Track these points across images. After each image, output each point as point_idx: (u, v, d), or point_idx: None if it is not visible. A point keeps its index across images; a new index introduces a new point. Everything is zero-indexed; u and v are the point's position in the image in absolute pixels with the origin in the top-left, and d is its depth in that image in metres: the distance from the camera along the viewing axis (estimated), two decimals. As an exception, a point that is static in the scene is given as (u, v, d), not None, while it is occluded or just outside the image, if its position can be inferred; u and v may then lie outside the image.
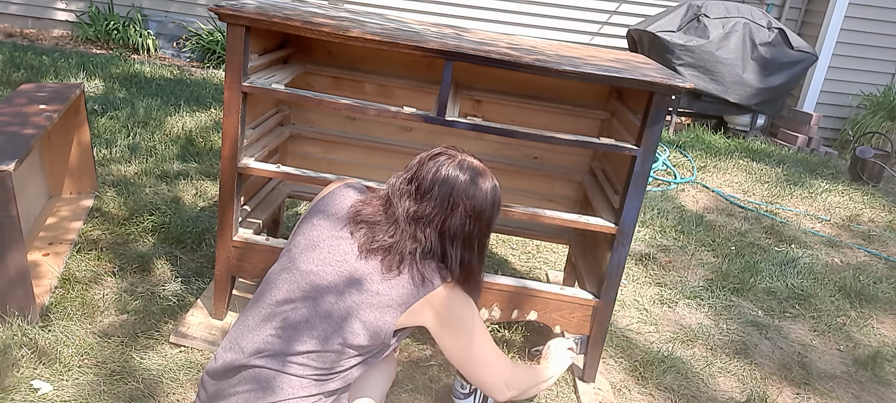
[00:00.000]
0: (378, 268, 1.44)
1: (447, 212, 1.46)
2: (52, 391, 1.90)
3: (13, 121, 2.36)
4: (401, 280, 1.43)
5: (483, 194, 1.50)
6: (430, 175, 1.47)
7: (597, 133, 2.55)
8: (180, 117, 4.51)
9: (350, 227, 1.49)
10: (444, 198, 1.46)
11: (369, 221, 1.48)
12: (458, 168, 1.49)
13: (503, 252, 3.29)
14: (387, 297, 1.43)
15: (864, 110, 6.74)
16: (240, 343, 1.47)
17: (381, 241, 1.45)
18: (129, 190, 3.24)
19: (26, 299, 2.11)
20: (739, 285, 3.25)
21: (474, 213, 1.48)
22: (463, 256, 1.49)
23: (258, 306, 1.50)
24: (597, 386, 2.27)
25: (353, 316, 1.42)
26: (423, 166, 1.49)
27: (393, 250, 1.44)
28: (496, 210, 1.55)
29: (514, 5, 6.93)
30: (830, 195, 4.88)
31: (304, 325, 1.43)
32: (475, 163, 1.52)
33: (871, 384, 2.66)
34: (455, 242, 1.48)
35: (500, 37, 2.42)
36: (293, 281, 1.48)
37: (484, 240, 1.55)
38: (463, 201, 1.47)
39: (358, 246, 1.46)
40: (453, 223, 1.47)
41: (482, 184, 1.50)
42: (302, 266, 1.49)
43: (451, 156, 1.51)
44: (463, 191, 1.47)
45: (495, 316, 2.19)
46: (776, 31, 5.98)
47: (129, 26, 6.60)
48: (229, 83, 1.98)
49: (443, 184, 1.46)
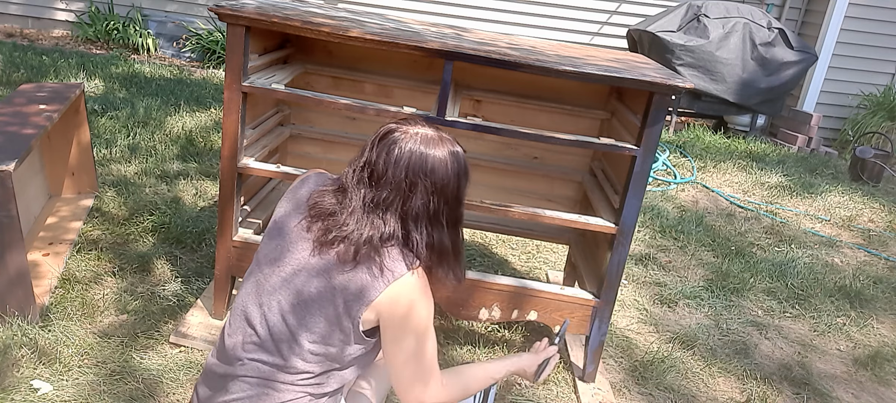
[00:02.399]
0: (333, 263, 1.35)
1: (406, 193, 1.35)
2: (52, 391, 1.90)
3: (13, 121, 2.36)
4: (357, 272, 1.34)
5: (442, 166, 1.37)
6: (382, 157, 1.35)
7: (597, 133, 2.55)
8: (180, 117, 4.51)
9: (307, 221, 1.41)
10: (401, 179, 1.34)
11: (325, 213, 1.39)
12: (412, 143, 1.36)
13: (503, 252, 3.29)
14: (345, 292, 1.34)
15: (864, 110, 6.74)
16: (224, 350, 1.46)
17: (336, 233, 1.36)
18: (129, 190, 3.24)
19: (26, 299, 2.11)
20: (739, 285, 3.25)
21: (436, 189, 1.37)
22: (431, 237, 1.38)
23: (234, 312, 1.48)
24: (597, 386, 2.27)
25: (314, 319, 1.37)
26: (375, 149, 1.37)
27: (348, 241, 1.34)
28: (462, 178, 1.42)
29: (514, 5, 6.93)
30: (830, 195, 4.88)
31: (269, 336, 1.39)
32: (430, 133, 1.39)
33: (871, 384, 2.66)
34: (419, 223, 1.37)
35: (500, 37, 2.42)
36: (258, 284, 1.44)
37: (455, 214, 1.43)
38: (421, 179, 1.35)
39: (313, 240, 1.39)
40: (414, 204, 1.36)
41: (439, 155, 1.37)
42: (264, 268, 1.44)
43: (403, 131, 1.38)
44: (420, 168, 1.35)
45: (495, 316, 2.19)
46: (776, 31, 5.98)
47: (129, 26, 6.60)
48: (229, 83, 1.98)
49: (397, 164, 1.34)
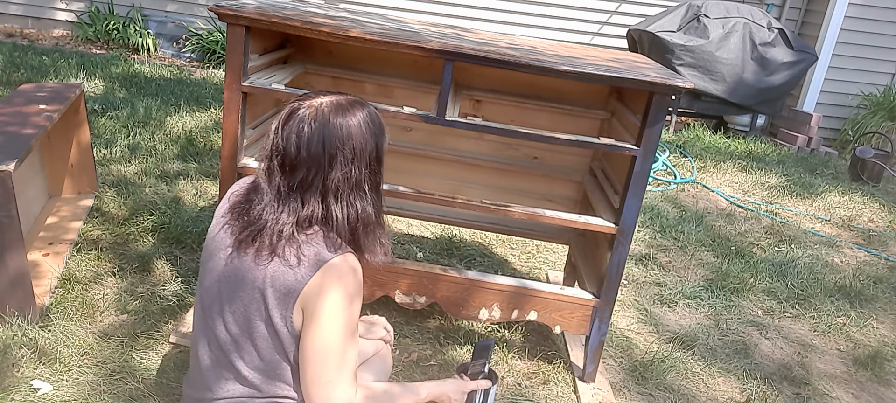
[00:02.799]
0: (252, 261, 1.30)
1: (326, 169, 1.29)
2: (52, 391, 1.90)
3: (13, 121, 2.36)
4: (276, 266, 1.28)
5: (357, 130, 1.32)
6: (292, 139, 1.29)
7: (597, 133, 2.55)
8: (180, 117, 4.51)
9: (229, 225, 1.37)
10: (318, 155, 1.29)
11: (241, 212, 1.35)
12: (321, 116, 1.30)
13: (503, 252, 3.29)
14: (269, 289, 1.29)
15: (864, 110, 6.74)
16: (194, 381, 1.46)
17: (251, 229, 1.31)
18: (129, 190, 3.24)
19: (26, 299, 2.11)
20: (739, 285, 3.25)
21: (356, 155, 1.31)
22: (354, 207, 1.33)
23: (192, 339, 1.47)
24: (597, 386, 2.27)
25: (252, 324, 1.33)
26: (281, 133, 1.31)
27: (263, 234, 1.29)
28: (380, 138, 1.37)
29: (514, 5, 6.93)
30: (830, 195, 4.88)
31: (225, 359, 1.37)
32: (335, 100, 1.34)
33: (871, 384, 2.66)
34: (340, 196, 1.32)
35: (500, 37, 2.42)
36: (203, 306, 1.41)
37: (375, 178, 1.37)
38: (339, 149, 1.30)
39: (233, 242, 1.34)
40: (335, 177, 1.30)
41: (353, 121, 1.32)
42: (204, 281, 1.41)
43: (308, 106, 1.32)
44: (336, 138, 1.30)
45: (495, 316, 2.19)
46: (776, 31, 5.98)
47: (129, 26, 6.60)
48: (229, 83, 1.98)
49: (310, 142, 1.28)
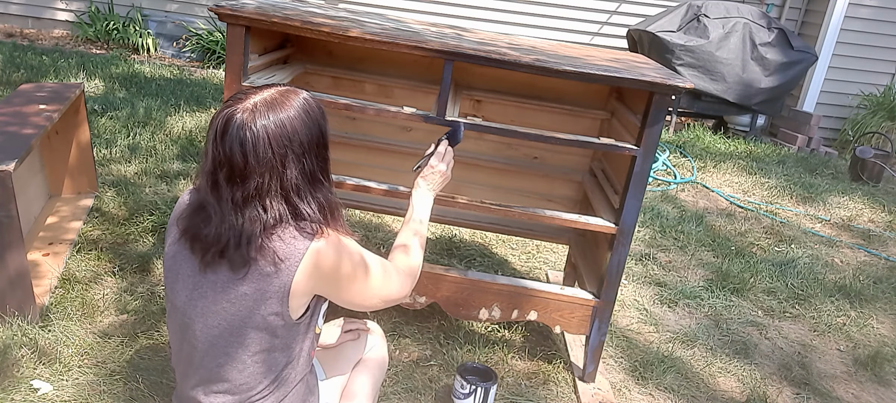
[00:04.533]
0: (229, 275, 1.27)
1: (280, 170, 1.25)
2: (52, 391, 1.90)
3: (13, 121, 2.36)
4: (252, 274, 1.26)
5: (300, 122, 1.28)
6: (236, 149, 1.23)
7: (597, 133, 2.55)
8: (180, 117, 4.51)
9: (187, 244, 1.32)
10: (268, 159, 1.24)
11: (194, 233, 1.30)
12: (261, 117, 1.24)
13: (503, 252, 3.29)
14: (260, 295, 1.27)
15: (864, 110, 6.73)
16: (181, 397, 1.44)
17: (215, 249, 1.26)
18: (129, 190, 3.24)
19: (26, 299, 2.11)
20: (739, 285, 3.25)
21: (305, 148, 1.29)
22: (317, 199, 1.31)
23: (174, 356, 1.44)
24: (597, 386, 2.27)
25: (243, 332, 1.31)
26: (222, 144, 1.24)
27: (229, 248, 1.25)
28: (323, 122, 1.34)
29: (514, 5, 6.93)
30: (830, 195, 4.88)
31: (210, 373, 1.34)
32: (268, 97, 1.28)
33: (871, 384, 2.66)
34: (302, 194, 1.29)
35: (500, 37, 2.42)
36: (181, 326, 1.37)
37: (324, 163, 1.35)
38: (288, 147, 1.26)
39: (199, 263, 1.29)
40: (291, 176, 1.27)
41: (292, 114, 1.28)
42: (177, 306, 1.36)
43: (242, 110, 1.25)
44: (283, 137, 1.25)
45: (495, 317, 2.19)
46: (776, 31, 5.98)
47: (129, 26, 6.60)
48: (229, 83, 1.97)
49: (256, 147, 1.23)
